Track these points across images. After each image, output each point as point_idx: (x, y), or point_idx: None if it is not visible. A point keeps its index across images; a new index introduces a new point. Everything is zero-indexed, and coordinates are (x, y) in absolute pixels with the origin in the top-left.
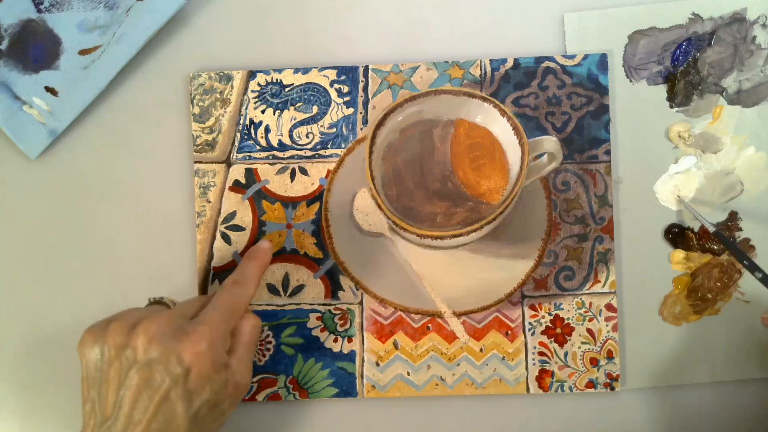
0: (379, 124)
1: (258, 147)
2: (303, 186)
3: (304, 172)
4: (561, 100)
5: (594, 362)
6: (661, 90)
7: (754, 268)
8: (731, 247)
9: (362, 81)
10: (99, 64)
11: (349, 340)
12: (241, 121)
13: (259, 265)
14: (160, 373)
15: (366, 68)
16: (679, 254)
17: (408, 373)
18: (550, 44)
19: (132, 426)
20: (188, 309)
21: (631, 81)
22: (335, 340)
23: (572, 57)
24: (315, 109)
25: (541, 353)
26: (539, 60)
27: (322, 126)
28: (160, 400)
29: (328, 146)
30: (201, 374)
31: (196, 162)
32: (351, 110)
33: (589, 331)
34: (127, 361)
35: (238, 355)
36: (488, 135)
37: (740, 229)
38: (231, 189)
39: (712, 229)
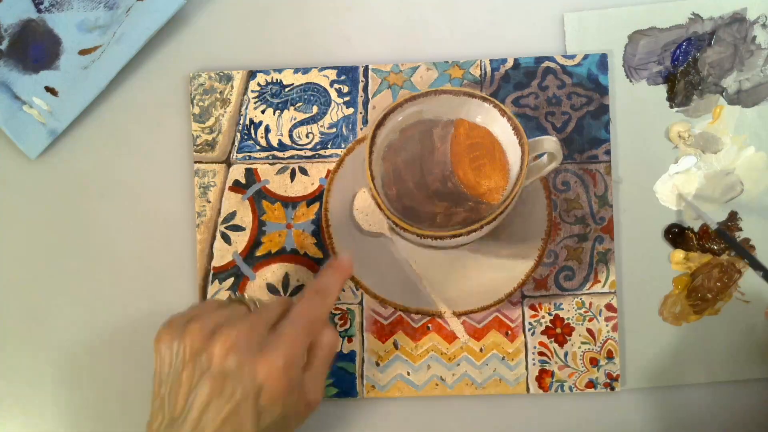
0: (379, 124)
1: (258, 147)
2: (303, 186)
3: (304, 172)
4: (561, 100)
5: (594, 362)
6: (661, 90)
7: (756, 265)
8: (733, 244)
9: (362, 81)
10: (99, 64)
11: (349, 340)
12: (241, 121)
13: (341, 276)
14: (233, 385)
15: (366, 68)
16: (679, 254)
17: (408, 373)
18: (550, 44)
19: (199, 430)
20: (269, 315)
21: (631, 81)
22: None
23: (572, 57)
24: (315, 109)
25: (541, 353)
26: (539, 60)
27: (322, 126)
28: (230, 411)
29: (328, 146)
30: (274, 393)
31: (196, 162)
32: (351, 110)
33: (589, 331)
34: (201, 367)
35: (313, 372)
36: (488, 135)
37: (740, 229)
38: (231, 189)
39: (714, 227)
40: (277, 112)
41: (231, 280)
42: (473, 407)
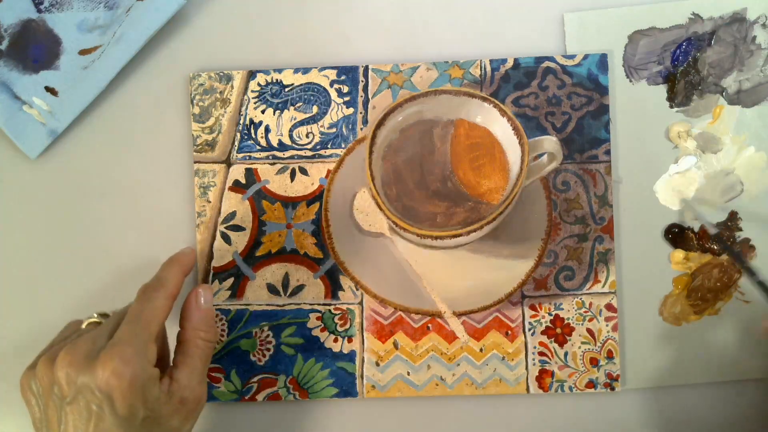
0: (379, 124)
1: (258, 147)
2: (303, 186)
3: (304, 172)
4: (561, 100)
5: (594, 362)
6: (661, 90)
7: (750, 272)
8: (730, 251)
9: (362, 81)
10: (99, 64)
11: (349, 340)
12: (241, 121)
13: (178, 268)
14: (86, 401)
15: (366, 68)
16: (679, 254)
17: (408, 373)
18: (550, 44)
19: None
20: (110, 323)
21: (631, 81)
22: (335, 340)
23: (572, 57)
24: (315, 109)
25: (541, 353)
26: (539, 60)
27: (322, 126)
28: (95, 428)
29: (328, 146)
30: (124, 395)
31: (196, 162)
32: (351, 110)
33: (589, 331)
34: (57, 398)
35: (184, 367)
36: (488, 135)
37: (740, 229)
38: (231, 189)
39: (713, 231)
40: (277, 112)
41: (231, 280)
42: (473, 407)
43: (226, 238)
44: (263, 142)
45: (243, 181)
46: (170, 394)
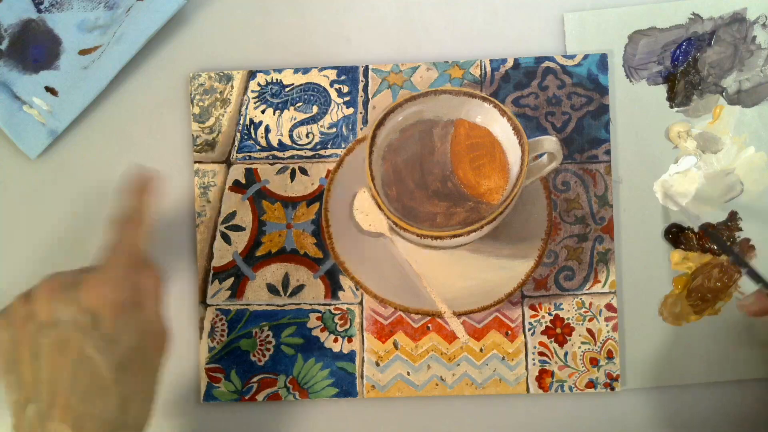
0: (379, 124)
1: (258, 147)
2: (303, 186)
3: (304, 172)
4: (561, 100)
5: (594, 362)
6: (661, 90)
7: (740, 262)
8: (720, 242)
9: (362, 81)
10: (99, 64)
11: (349, 340)
12: (241, 121)
13: (141, 193)
14: (67, 329)
15: (366, 68)
16: (679, 254)
17: (408, 373)
18: (550, 44)
19: (56, 397)
20: (83, 269)
21: (631, 81)
22: (335, 340)
23: (572, 57)
24: (315, 109)
25: (541, 353)
26: (539, 60)
27: (322, 126)
28: (77, 358)
29: (328, 146)
30: (111, 315)
31: (196, 162)
32: (351, 110)
33: (589, 331)
34: (33, 329)
35: (149, 307)
36: (488, 135)
37: (740, 229)
38: (231, 189)
39: (697, 227)
40: (277, 112)
41: (231, 280)
42: (473, 407)
43: (226, 238)
44: (263, 142)
45: (243, 181)
46: (143, 323)
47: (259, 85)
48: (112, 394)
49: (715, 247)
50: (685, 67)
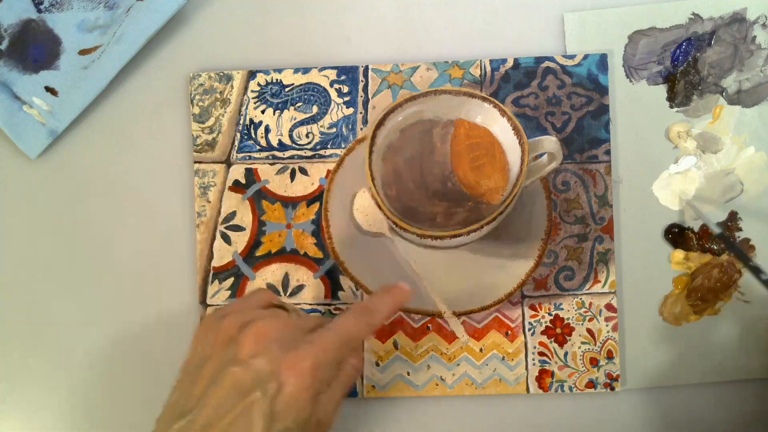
0: (379, 124)
1: (258, 147)
2: (303, 186)
3: (304, 172)
4: (561, 100)
5: (594, 362)
6: (661, 90)
7: (758, 271)
8: (737, 251)
9: (362, 81)
10: (99, 64)
11: None
12: (241, 121)
13: (394, 303)
14: (253, 380)
15: (366, 68)
16: (679, 254)
17: (408, 373)
18: (550, 44)
19: (209, 429)
20: (307, 321)
21: (631, 81)
22: None
23: (572, 57)
24: (315, 109)
25: (541, 353)
26: (539, 60)
27: (322, 126)
28: (243, 409)
29: (328, 146)
30: (293, 395)
31: (196, 162)
32: (351, 110)
33: (589, 331)
34: (226, 357)
35: (332, 392)
36: (488, 135)
37: (740, 229)
38: (231, 189)
39: (717, 231)
40: (277, 112)
41: (231, 280)
42: (473, 407)
43: (226, 238)
44: (263, 142)
45: (243, 181)
46: (314, 412)
47: (259, 85)
48: None
49: (719, 249)
50: (685, 67)
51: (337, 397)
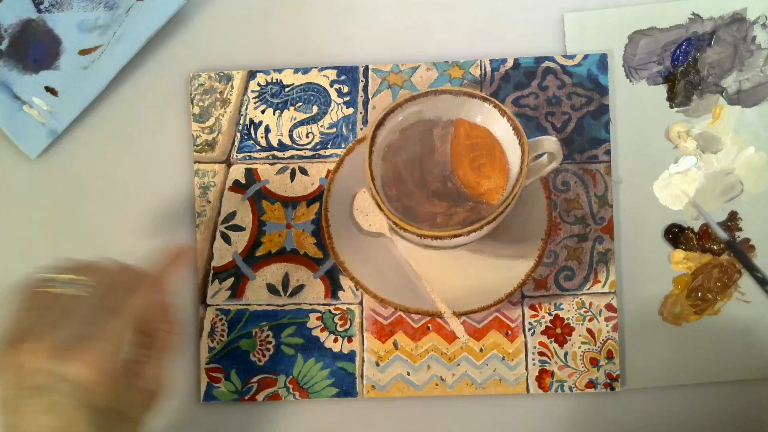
0: (379, 124)
1: (258, 147)
2: (303, 186)
3: (304, 172)
4: (561, 100)
5: (594, 362)
6: (661, 90)
7: (764, 282)
8: (744, 259)
9: (362, 81)
10: (99, 64)
11: (349, 340)
12: (241, 121)
13: (175, 266)
14: (53, 393)
15: (366, 68)
16: (679, 254)
17: (408, 373)
18: (550, 44)
19: None
20: (85, 311)
21: (631, 81)
22: (335, 340)
23: (572, 57)
24: (315, 109)
25: (541, 353)
26: (539, 60)
27: (322, 126)
28: (66, 421)
29: (328, 146)
30: (94, 388)
31: (196, 162)
32: (351, 110)
33: (589, 331)
34: (23, 383)
35: (149, 360)
36: (488, 135)
37: (740, 229)
38: (231, 189)
39: (724, 237)
40: (277, 112)
41: (231, 280)
42: (473, 407)
43: (226, 238)
44: (263, 142)
45: (243, 181)
46: (135, 387)
47: (259, 85)
48: None
49: (718, 249)
50: (685, 67)
51: (157, 363)
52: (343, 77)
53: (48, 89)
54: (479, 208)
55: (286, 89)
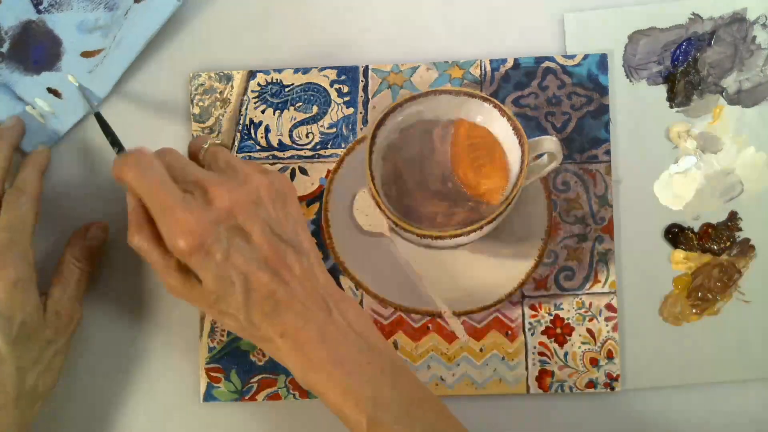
0: (379, 124)
1: (258, 147)
2: (303, 186)
3: (304, 172)
4: (561, 100)
5: (594, 362)
6: (661, 90)
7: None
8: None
9: (362, 81)
10: (102, 68)
11: None
12: (241, 121)
13: (35, 169)
14: None
15: (366, 68)
16: (679, 254)
17: None
18: (550, 44)
19: None
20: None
21: (631, 81)
22: None
23: (572, 57)
24: (315, 109)
25: (541, 353)
26: (539, 60)
27: (322, 126)
28: None
29: (328, 146)
30: (6, 296)
31: None
32: (351, 110)
33: (589, 331)
34: None
35: (58, 285)
36: (488, 135)
37: (740, 229)
38: None
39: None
40: (277, 112)
41: None
42: (473, 407)
43: None
44: (263, 142)
45: None
46: (45, 307)
47: (259, 85)
48: (7, 365)
49: (721, 246)
50: (685, 67)
51: (71, 288)
52: (343, 77)
53: (51, 91)
54: (479, 208)
55: (286, 89)
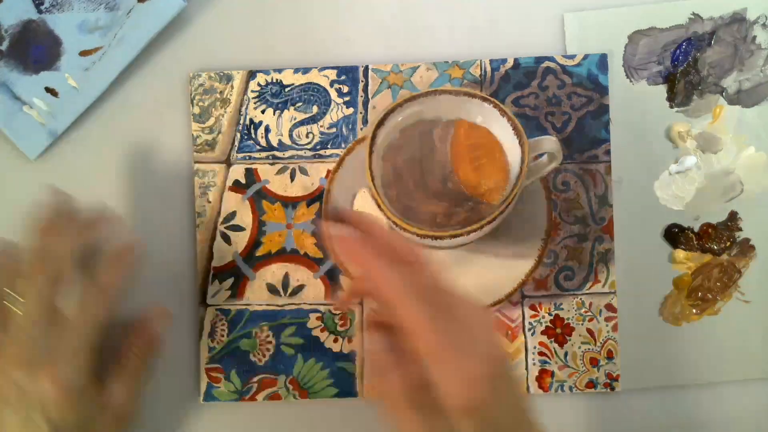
0: (379, 124)
1: (258, 147)
2: (303, 186)
3: (304, 172)
4: (561, 100)
5: (594, 362)
6: (661, 90)
7: None
8: None
9: (362, 81)
10: (100, 66)
11: (349, 340)
12: (241, 121)
13: (119, 271)
14: (24, 407)
15: (366, 68)
16: (679, 254)
17: None
18: (550, 44)
19: None
20: (45, 323)
21: (631, 81)
22: (335, 340)
23: (572, 57)
24: (315, 109)
25: (541, 353)
26: (539, 60)
27: (322, 126)
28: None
29: (328, 146)
30: (60, 405)
31: (196, 162)
32: (351, 110)
33: (589, 331)
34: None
35: (119, 382)
36: (488, 135)
37: (740, 229)
38: (231, 189)
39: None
40: (277, 112)
41: (231, 280)
42: None
43: (226, 238)
44: (263, 142)
45: (243, 181)
46: (104, 407)
47: (259, 85)
48: None
49: (722, 246)
50: (685, 67)
51: (131, 382)
52: (343, 77)
53: (48, 90)
54: (479, 208)
55: (286, 89)
